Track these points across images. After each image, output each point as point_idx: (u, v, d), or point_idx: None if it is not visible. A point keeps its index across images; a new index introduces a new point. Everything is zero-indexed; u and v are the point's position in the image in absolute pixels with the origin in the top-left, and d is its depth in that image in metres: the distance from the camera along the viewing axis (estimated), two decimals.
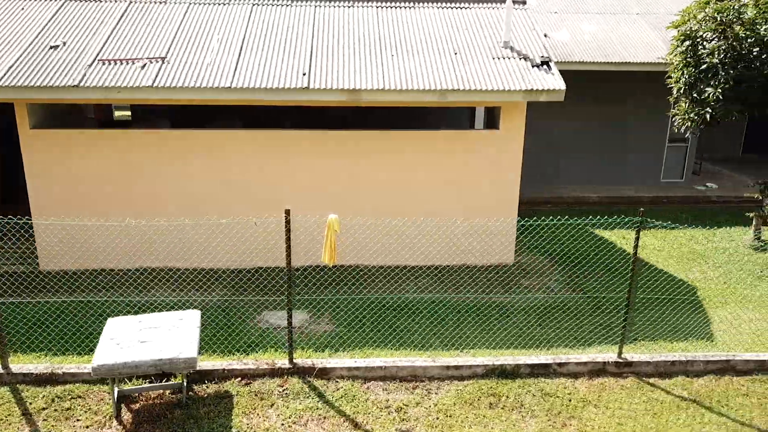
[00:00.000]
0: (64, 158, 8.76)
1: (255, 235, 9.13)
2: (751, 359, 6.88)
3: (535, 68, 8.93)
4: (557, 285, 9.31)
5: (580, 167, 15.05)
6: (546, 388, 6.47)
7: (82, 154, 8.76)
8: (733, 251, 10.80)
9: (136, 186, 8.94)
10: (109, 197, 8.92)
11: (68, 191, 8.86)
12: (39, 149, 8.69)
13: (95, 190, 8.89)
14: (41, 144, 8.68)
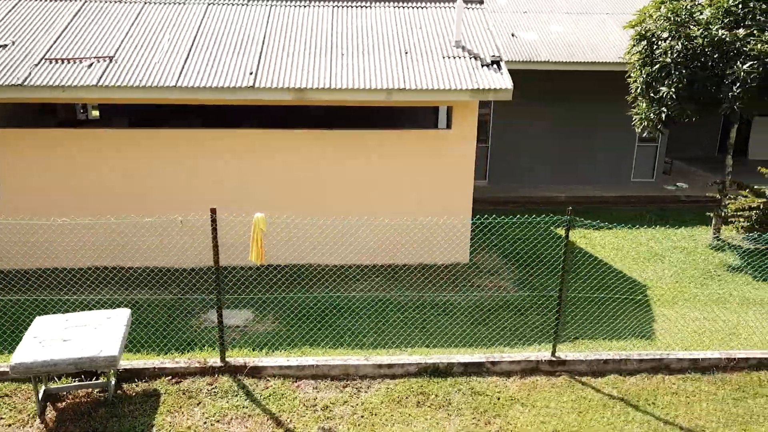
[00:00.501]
0: (11, 157, 8.76)
1: (208, 234, 9.13)
2: (684, 358, 6.89)
3: (485, 68, 8.94)
4: (509, 284, 9.33)
5: (551, 167, 15.06)
6: (476, 387, 6.48)
7: (26, 153, 8.76)
8: (691, 250, 10.82)
9: (83, 184, 8.93)
10: (57, 196, 8.92)
11: (15, 189, 8.86)
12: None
13: (44, 188, 8.89)
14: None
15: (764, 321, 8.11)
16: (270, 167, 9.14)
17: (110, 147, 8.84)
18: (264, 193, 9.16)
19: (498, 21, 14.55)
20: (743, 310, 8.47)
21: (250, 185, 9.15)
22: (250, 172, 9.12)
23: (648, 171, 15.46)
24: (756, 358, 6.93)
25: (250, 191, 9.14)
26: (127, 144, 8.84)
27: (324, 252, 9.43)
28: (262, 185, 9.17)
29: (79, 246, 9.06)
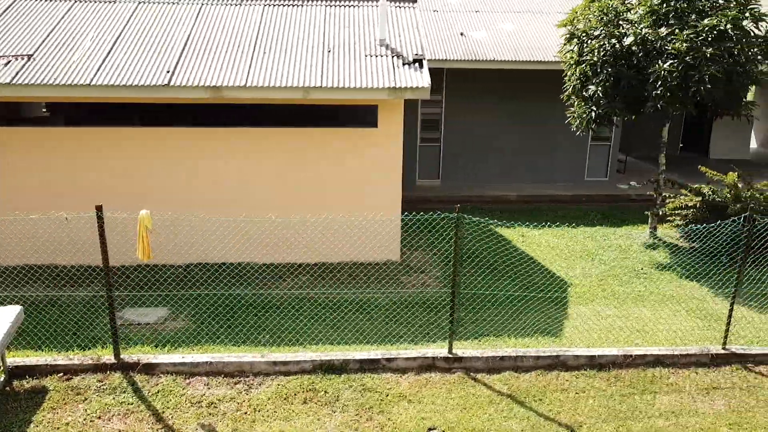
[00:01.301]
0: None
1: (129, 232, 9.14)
2: (581, 355, 6.91)
3: (406, 66, 8.97)
4: (434, 281, 9.36)
5: (504, 166, 15.09)
6: (369, 384, 6.50)
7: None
8: (626, 249, 10.85)
9: (9, 181, 8.95)
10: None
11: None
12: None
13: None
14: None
15: (675, 318, 8.15)
16: (195, 166, 9.15)
17: (37, 145, 8.86)
18: (190, 191, 9.18)
19: (449, 20, 14.59)
20: (659, 307, 8.50)
21: (180, 184, 9.16)
22: (179, 170, 9.14)
23: (602, 170, 15.50)
24: (653, 355, 6.96)
25: (177, 190, 9.16)
26: (56, 141, 8.86)
27: (253, 250, 9.45)
28: (190, 184, 9.18)
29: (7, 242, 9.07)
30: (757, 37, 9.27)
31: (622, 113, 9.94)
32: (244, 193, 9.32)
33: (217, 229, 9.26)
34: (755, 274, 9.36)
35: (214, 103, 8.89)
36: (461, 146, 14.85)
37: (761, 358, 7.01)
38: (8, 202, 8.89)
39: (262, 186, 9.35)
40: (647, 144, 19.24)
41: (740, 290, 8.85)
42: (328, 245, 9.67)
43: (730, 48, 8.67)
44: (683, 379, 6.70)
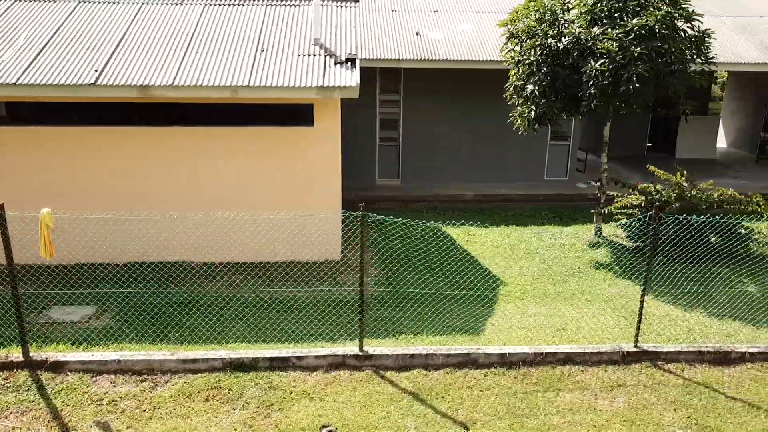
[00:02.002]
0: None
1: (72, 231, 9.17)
2: (493, 353, 6.94)
3: (338, 65, 8.99)
4: (371, 280, 9.37)
5: (463, 166, 15.12)
6: (275, 381, 6.53)
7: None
8: (569, 248, 10.88)
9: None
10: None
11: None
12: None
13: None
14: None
15: (600, 316, 8.18)
16: (136, 165, 9.17)
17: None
18: (133, 190, 9.20)
19: (407, 20, 14.62)
20: (587, 305, 8.53)
21: (124, 183, 9.19)
22: (127, 169, 9.16)
23: (561, 169, 15.52)
24: (564, 353, 6.99)
25: (123, 189, 9.18)
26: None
27: (192, 249, 9.47)
28: (133, 183, 9.21)
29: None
30: (689, 37, 9.32)
31: (561, 113, 9.95)
32: (184, 191, 9.33)
33: (155, 228, 9.27)
34: (690, 273, 9.43)
35: (150, 102, 8.89)
36: (420, 146, 14.88)
37: (672, 356, 7.05)
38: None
39: (200, 185, 9.36)
40: (615, 144, 19.28)
41: (674, 289, 8.95)
42: (267, 244, 9.69)
43: (658, 47, 8.70)
44: (591, 376, 6.73)
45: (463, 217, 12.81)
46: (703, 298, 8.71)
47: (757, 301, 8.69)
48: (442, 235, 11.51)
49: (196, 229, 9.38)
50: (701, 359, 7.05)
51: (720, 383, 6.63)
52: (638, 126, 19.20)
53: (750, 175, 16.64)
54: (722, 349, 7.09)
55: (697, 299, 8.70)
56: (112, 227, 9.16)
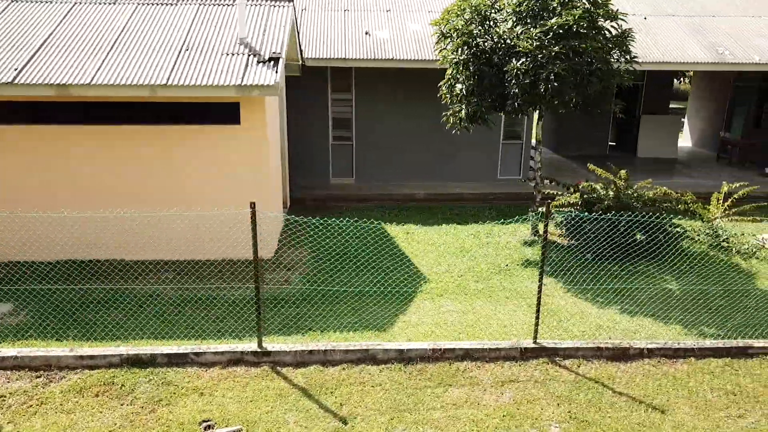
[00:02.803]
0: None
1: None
2: (391, 349, 7.00)
3: (261, 64, 9.04)
4: (297, 278, 9.43)
5: (418, 165, 15.19)
6: (170, 377, 6.59)
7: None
8: (503, 246, 10.95)
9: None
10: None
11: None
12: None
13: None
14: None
15: (515, 313, 8.22)
16: (66, 164, 9.23)
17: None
18: (65, 188, 9.26)
19: (358, 19, 14.68)
20: (504, 302, 8.58)
21: (55, 181, 9.25)
22: (44, 168, 9.22)
23: (515, 168, 15.60)
24: (463, 349, 7.05)
25: (53, 186, 9.24)
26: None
27: (123, 247, 9.54)
28: (63, 180, 9.26)
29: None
30: (613, 36, 9.37)
31: (489, 112, 10.00)
32: (113, 190, 9.39)
33: (87, 226, 9.33)
34: (616, 270, 9.50)
35: (75, 101, 8.95)
36: (374, 145, 14.95)
37: (570, 352, 7.11)
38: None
39: (130, 183, 9.42)
40: (578, 143, 19.39)
41: (595, 286, 9.02)
42: (198, 242, 9.75)
43: (575, 46, 8.76)
44: (485, 372, 6.79)
45: (411, 215, 12.94)
46: (622, 295, 8.78)
47: (674, 297, 8.76)
48: (381, 233, 11.57)
49: (123, 227, 9.44)
50: (600, 355, 7.12)
51: (611, 379, 6.70)
52: (600, 125, 19.30)
53: (705, 174, 16.72)
54: (621, 345, 7.15)
55: (616, 296, 8.78)
56: (39, 226, 9.22)
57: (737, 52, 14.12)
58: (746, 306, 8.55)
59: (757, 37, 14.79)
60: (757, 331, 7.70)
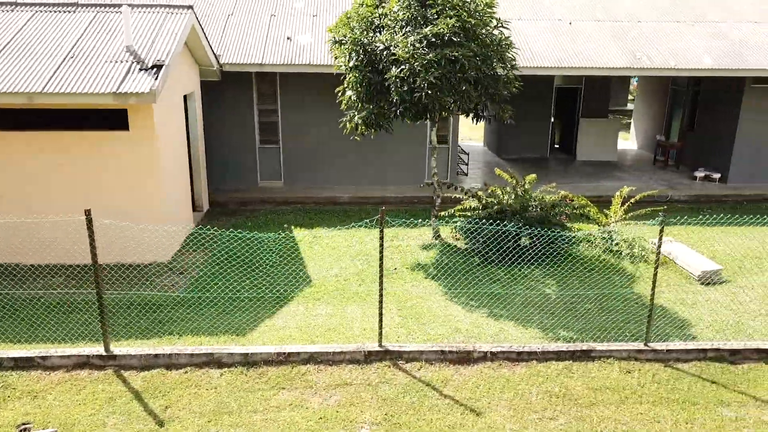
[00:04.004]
0: None
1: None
2: (236, 352, 7.14)
3: (142, 72, 9.19)
4: (186, 283, 9.56)
5: (346, 168, 15.32)
6: (11, 381, 6.73)
7: None
8: (403, 249, 11.10)
9: None
10: None
11: None
12: None
13: None
14: None
15: (383, 317, 8.35)
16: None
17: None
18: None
19: (283, 24, 14.81)
20: (376, 306, 8.70)
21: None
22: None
23: (443, 172, 15.71)
24: (308, 352, 7.20)
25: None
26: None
27: (16, 251, 9.67)
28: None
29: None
30: (492, 44, 9.52)
31: (380, 118, 10.13)
32: (3, 196, 9.53)
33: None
34: (502, 274, 9.65)
35: None
36: (301, 149, 15.09)
37: (414, 355, 7.26)
38: None
39: (21, 187, 9.55)
40: (519, 146, 19.55)
41: (475, 290, 9.17)
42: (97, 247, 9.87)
43: (447, 54, 8.91)
44: (324, 375, 6.94)
45: (327, 218, 13.09)
46: (497, 299, 8.93)
47: (548, 302, 8.91)
48: (287, 238, 11.71)
49: (17, 231, 9.57)
50: (444, 358, 7.27)
51: (445, 382, 6.85)
52: (541, 128, 19.48)
53: (636, 177, 16.88)
54: (465, 348, 7.30)
55: (490, 300, 8.92)
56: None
57: (655, 57, 14.29)
58: (614, 309, 8.72)
59: (677, 42, 14.95)
60: (612, 334, 7.85)
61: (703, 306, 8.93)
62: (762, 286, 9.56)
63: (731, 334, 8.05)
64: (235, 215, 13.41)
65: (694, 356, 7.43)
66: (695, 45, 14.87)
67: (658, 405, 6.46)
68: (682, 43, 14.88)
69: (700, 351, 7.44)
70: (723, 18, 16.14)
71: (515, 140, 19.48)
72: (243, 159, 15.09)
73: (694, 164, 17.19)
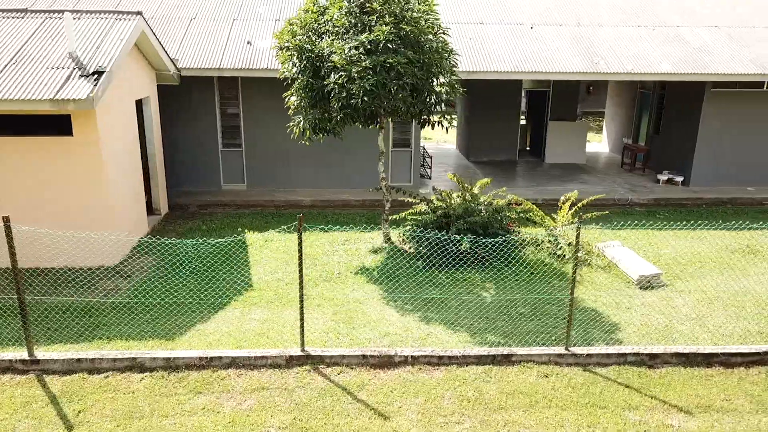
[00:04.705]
0: None
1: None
2: (159, 357, 7.20)
3: (83, 78, 9.27)
4: (129, 287, 9.64)
5: (309, 172, 15.43)
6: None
7: None
8: (352, 253, 11.19)
9: None
10: None
11: None
12: None
13: None
14: None
15: (315, 321, 8.43)
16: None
17: None
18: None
19: (244, 28, 14.90)
20: (315, 310, 8.78)
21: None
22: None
23: (405, 175, 15.83)
24: (230, 357, 7.29)
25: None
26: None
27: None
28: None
29: None
30: (431, 51, 9.61)
31: (323, 124, 10.22)
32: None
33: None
34: (444, 278, 9.74)
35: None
36: (264, 152, 15.19)
37: (336, 360, 7.35)
38: None
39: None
40: (488, 149, 19.66)
41: (408, 295, 9.26)
42: (41, 250, 9.95)
43: (381, 61, 9.00)
44: (244, 380, 7.03)
45: (284, 221, 13.17)
46: (432, 303, 9.03)
47: (484, 306, 9.00)
48: (239, 241, 11.79)
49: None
50: (365, 362, 7.36)
51: (361, 386, 6.94)
52: (510, 132, 19.60)
53: (600, 180, 17.01)
54: (386, 353, 7.40)
55: (425, 304, 9.02)
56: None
57: (613, 62, 14.40)
58: (547, 313, 8.82)
59: (637, 47, 15.07)
60: (540, 338, 7.95)
61: (636, 310, 9.04)
62: (698, 290, 9.67)
63: (657, 338, 8.16)
64: (194, 218, 13.49)
65: (614, 360, 7.53)
66: (654, 50, 14.99)
67: (566, 409, 6.56)
68: (642, 48, 15.00)
69: (620, 355, 7.54)
70: (685, 23, 16.27)
71: (484, 143, 19.61)
72: (206, 162, 15.19)
73: (660, 167, 17.32)
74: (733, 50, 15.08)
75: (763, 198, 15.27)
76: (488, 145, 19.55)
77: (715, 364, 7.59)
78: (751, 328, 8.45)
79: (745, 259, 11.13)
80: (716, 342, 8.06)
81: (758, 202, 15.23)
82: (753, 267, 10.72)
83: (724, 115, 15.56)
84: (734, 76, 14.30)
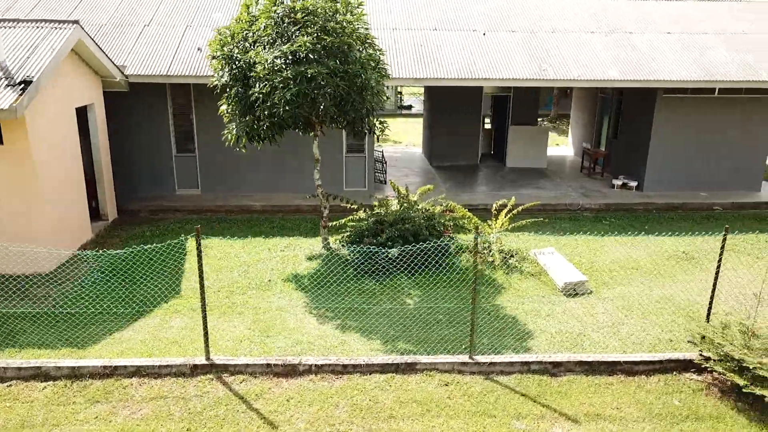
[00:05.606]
0: None
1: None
2: (65, 366, 7.29)
3: (9, 88, 9.36)
4: (59, 295, 9.72)
5: (264, 177, 15.52)
6: None
7: None
8: (289, 259, 11.28)
9: None
10: None
11: None
12: None
13: None
14: None
15: (234, 329, 8.54)
16: None
17: None
18: None
19: (197, 35, 14.98)
20: (235, 318, 8.89)
21: None
22: None
23: (360, 181, 15.93)
24: (135, 365, 7.37)
25: None
26: None
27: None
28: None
29: None
30: (356, 61, 9.71)
31: (255, 132, 10.30)
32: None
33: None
34: (374, 286, 9.81)
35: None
36: (217, 157, 15.28)
37: (240, 368, 7.44)
38: None
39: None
40: (449, 154, 19.76)
41: (338, 304, 9.35)
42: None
43: (302, 71, 9.09)
44: (145, 389, 7.12)
45: (229, 227, 13.27)
46: (353, 311, 9.12)
47: (404, 313, 9.10)
48: (179, 248, 11.87)
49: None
50: (270, 371, 7.46)
51: (259, 395, 7.03)
52: (471, 137, 19.70)
53: (555, 185, 17.10)
54: (291, 361, 7.49)
55: (346, 312, 9.11)
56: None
57: (560, 68, 14.51)
58: (464, 321, 8.91)
59: (587, 53, 15.18)
60: (453, 346, 8.04)
61: (556, 317, 9.14)
62: (620, 297, 9.78)
63: (568, 346, 8.26)
64: (141, 224, 13.57)
65: (518, 369, 7.64)
66: (604, 56, 15.10)
67: (455, 418, 6.66)
68: (592, 55, 15.11)
69: (524, 364, 7.64)
70: (638, 29, 16.39)
71: (446, 148, 19.71)
72: (160, 167, 15.28)
73: (617, 172, 17.44)
74: (683, 56, 15.21)
75: (713, 203, 15.40)
76: (450, 150, 19.66)
77: (618, 372, 7.70)
78: (663, 336, 8.56)
79: (679, 266, 11.25)
80: (625, 350, 8.17)
81: (708, 207, 15.36)
82: (683, 274, 10.84)
83: (676, 121, 15.68)
84: (681, 83, 14.42)
